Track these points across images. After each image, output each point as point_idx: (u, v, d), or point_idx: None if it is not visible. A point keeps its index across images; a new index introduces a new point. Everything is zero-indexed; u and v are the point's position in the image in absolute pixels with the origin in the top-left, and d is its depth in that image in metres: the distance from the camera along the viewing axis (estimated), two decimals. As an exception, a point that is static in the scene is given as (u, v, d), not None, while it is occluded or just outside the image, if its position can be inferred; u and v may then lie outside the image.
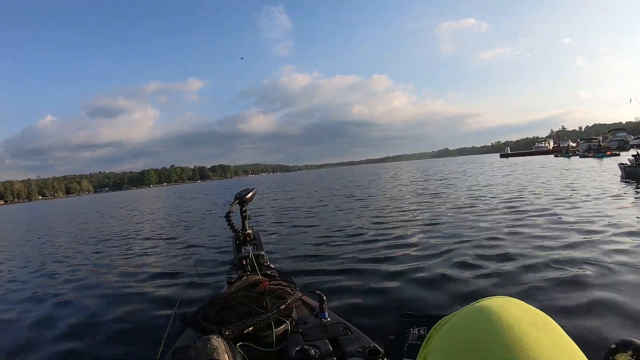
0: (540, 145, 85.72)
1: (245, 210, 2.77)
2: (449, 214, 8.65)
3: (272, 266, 2.60)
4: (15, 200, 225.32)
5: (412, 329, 1.04)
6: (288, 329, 1.64)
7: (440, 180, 20.97)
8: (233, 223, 2.67)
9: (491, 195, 11.26)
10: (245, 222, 2.75)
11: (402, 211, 10.03)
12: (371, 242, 6.67)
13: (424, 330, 1.01)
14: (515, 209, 8.24)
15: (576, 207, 7.95)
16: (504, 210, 8.34)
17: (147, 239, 10.07)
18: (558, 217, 7.07)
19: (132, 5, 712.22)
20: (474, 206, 9.40)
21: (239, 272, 2.46)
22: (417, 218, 8.63)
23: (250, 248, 2.60)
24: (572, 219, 6.75)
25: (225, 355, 1.29)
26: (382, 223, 8.48)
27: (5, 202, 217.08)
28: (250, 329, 1.57)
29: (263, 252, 2.61)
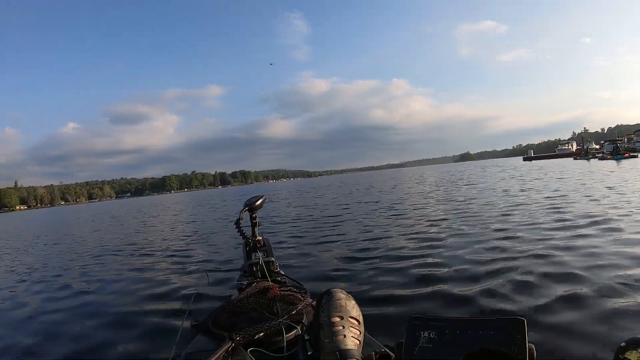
0: (564, 147, 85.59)
1: (255, 217, 2.78)
2: (472, 221, 8.24)
3: (282, 272, 2.60)
4: (38, 205, 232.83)
5: (422, 332, 1.04)
6: (299, 335, 1.64)
7: (470, 184, 20.24)
8: (243, 230, 2.68)
9: (529, 201, 10.64)
10: (255, 229, 2.77)
11: (426, 216, 9.72)
12: (385, 249, 6.47)
13: (434, 334, 1.02)
14: (561, 220, 7.44)
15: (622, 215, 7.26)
16: (546, 218, 7.64)
17: (159, 245, 10.06)
18: (611, 225, 6.41)
19: (152, 13, 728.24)
20: (509, 214, 8.63)
21: (249, 278, 2.47)
22: (442, 224, 8.30)
23: (260, 255, 2.60)
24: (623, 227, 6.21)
25: None
26: (403, 228, 8.25)
27: (29, 207, 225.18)
28: (261, 334, 1.58)
29: (273, 259, 2.61)
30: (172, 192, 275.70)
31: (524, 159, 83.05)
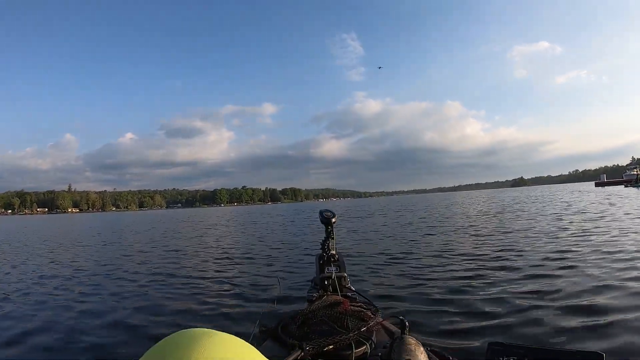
0: (631, 173, 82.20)
1: (331, 232, 2.86)
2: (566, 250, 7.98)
3: (352, 288, 2.63)
4: (90, 209, 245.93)
5: (502, 358, 1.03)
6: (367, 351, 1.66)
7: (544, 215, 19.07)
8: (323, 242, 2.79)
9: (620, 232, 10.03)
10: (330, 243, 2.82)
11: (500, 244, 9.57)
12: (462, 270, 6.66)
13: None
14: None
15: None
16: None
17: (232, 254, 10.64)
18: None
19: (208, 33, 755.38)
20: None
21: (320, 291, 2.52)
22: (522, 248, 8.34)
23: (333, 269, 2.64)
24: None
25: None
26: (477, 254, 8.24)
27: (80, 210, 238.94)
28: (331, 347, 1.61)
29: (345, 274, 2.65)
30: (222, 205, 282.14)
31: (596, 185, 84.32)
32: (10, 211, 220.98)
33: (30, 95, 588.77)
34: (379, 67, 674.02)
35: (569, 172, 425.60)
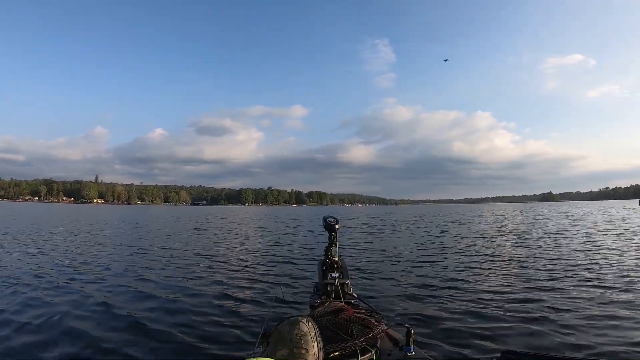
0: None
1: (335, 238, 2.91)
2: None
3: (355, 295, 2.64)
4: (115, 201, 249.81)
5: None
6: (372, 359, 1.69)
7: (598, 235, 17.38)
8: (326, 249, 2.90)
9: None
10: (333, 249, 2.89)
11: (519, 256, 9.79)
12: (472, 283, 6.77)
13: None
14: None
15: None
16: None
17: (237, 256, 10.81)
18: None
19: (239, 34, 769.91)
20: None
21: (323, 297, 2.55)
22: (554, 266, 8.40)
23: (336, 275, 2.68)
24: None
25: (315, 344, 1.43)
26: (500, 267, 8.48)
27: (105, 201, 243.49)
28: (337, 353, 1.64)
29: (348, 281, 2.69)
30: (247, 205, 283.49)
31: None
32: (36, 198, 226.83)
33: (65, 87, 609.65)
34: (445, 60, 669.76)
35: (599, 189, 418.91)
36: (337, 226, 2.87)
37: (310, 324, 1.44)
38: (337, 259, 2.81)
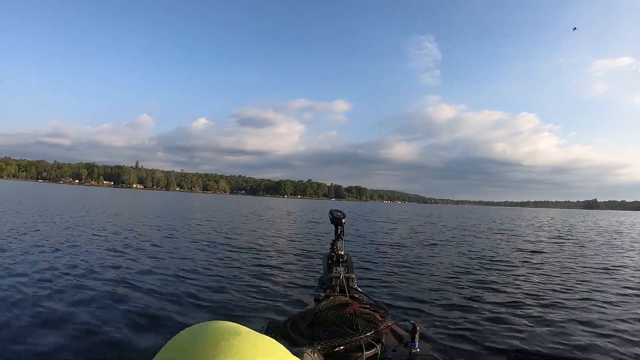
0: None
1: (341, 232, 2.92)
2: None
3: (359, 290, 2.65)
4: (154, 187, 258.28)
5: None
6: (378, 354, 1.69)
7: None
8: (333, 243, 2.87)
9: None
10: (339, 243, 2.87)
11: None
12: (485, 282, 6.94)
13: None
14: None
15: None
16: None
17: (246, 246, 10.85)
18: None
19: (283, 27, 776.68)
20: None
21: (327, 291, 2.54)
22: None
23: (341, 269, 2.66)
24: None
25: None
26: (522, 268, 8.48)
27: (144, 187, 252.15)
28: (342, 348, 1.64)
29: (353, 275, 2.67)
30: (285, 196, 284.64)
31: None
32: (77, 181, 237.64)
33: (114, 77, 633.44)
34: (574, 29, 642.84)
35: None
36: (343, 220, 2.90)
37: (315, 355, 1.36)
38: (342, 253, 2.80)
